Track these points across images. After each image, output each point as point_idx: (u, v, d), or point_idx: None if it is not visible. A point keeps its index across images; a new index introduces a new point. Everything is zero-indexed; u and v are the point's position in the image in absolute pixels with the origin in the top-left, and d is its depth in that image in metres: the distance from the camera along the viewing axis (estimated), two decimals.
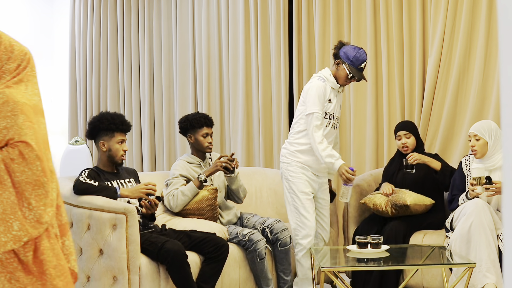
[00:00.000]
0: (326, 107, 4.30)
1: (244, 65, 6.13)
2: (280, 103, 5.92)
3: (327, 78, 4.33)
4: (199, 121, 4.46)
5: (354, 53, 4.29)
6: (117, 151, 3.94)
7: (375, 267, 3.97)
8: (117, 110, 6.99)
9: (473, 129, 4.26)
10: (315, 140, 4.20)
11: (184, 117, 4.58)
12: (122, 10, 7.04)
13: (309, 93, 4.27)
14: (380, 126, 5.49)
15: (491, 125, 4.25)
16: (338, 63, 4.34)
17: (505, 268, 1.19)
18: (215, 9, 6.35)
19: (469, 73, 5.04)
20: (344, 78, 4.33)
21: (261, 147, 6.02)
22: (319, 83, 4.28)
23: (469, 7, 4.98)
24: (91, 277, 3.68)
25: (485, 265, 3.83)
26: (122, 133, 3.97)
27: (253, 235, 4.21)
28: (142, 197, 3.86)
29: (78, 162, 6.49)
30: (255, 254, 4.18)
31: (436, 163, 4.55)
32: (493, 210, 4.04)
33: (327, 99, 4.29)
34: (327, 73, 4.37)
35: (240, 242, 4.23)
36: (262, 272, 4.23)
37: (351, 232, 4.68)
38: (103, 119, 3.96)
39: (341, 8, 5.65)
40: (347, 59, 4.30)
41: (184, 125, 4.51)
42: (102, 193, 3.75)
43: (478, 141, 4.20)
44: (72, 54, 7.44)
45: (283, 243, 4.34)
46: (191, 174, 4.45)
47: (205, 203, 4.33)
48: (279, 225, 4.35)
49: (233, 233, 4.28)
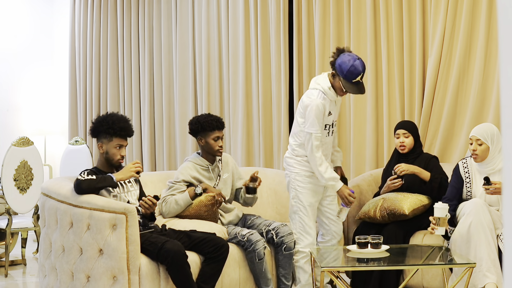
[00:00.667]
0: (326, 120, 4.26)
1: (244, 65, 6.13)
2: (280, 103, 5.92)
3: (326, 92, 4.22)
4: (211, 124, 4.36)
5: (348, 66, 4.11)
6: (114, 156, 3.92)
7: (375, 267, 3.97)
8: (117, 110, 6.99)
9: (476, 133, 4.12)
10: (315, 162, 4.19)
11: (195, 118, 4.47)
12: (122, 10, 7.04)
13: (309, 112, 4.18)
14: (380, 126, 5.49)
15: (493, 130, 4.13)
16: (334, 74, 4.23)
17: (505, 268, 1.19)
18: (215, 9, 6.35)
19: (469, 73, 5.03)
20: (340, 90, 4.23)
21: (261, 147, 6.02)
22: (318, 103, 4.17)
23: (469, 7, 4.98)
24: (91, 277, 3.68)
25: (485, 264, 3.83)
26: (121, 138, 3.94)
27: (252, 236, 4.19)
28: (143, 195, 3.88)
29: (78, 162, 6.49)
30: (254, 254, 4.17)
31: (425, 174, 4.49)
32: (493, 210, 4.03)
33: (327, 113, 4.25)
34: (326, 85, 4.23)
35: (239, 242, 4.22)
36: (261, 272, 4.22)
37: (351, 232, 4.68)
38: (104, 121, 3.93)
39: (341, 8, 5.65)
40: (341, 73, 4.14)
41: (195, 127, 4.40)
42: (103, 184, 3.78)
43: (481, 146, 4.08)
44: (72, 54, 7.44)
45: (288, 247, 4.32)
46: (196, 177, 4.40)
47: (203, 209, 4.31)
48: (285, 229, 4.33)
49: (232, 233, 4.27)
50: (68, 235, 3.76)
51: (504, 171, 1.19)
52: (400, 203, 4.37)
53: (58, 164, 7.33)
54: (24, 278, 5.68)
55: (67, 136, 7.47)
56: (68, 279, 3.77)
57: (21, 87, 7.52)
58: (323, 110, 4.19)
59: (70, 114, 7.42)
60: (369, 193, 4.85)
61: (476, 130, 4.14)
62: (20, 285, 5.51)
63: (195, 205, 4.30)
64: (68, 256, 3.75)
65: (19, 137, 5.89)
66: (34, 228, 5.96)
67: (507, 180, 1.17)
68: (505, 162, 1.20)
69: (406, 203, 4.36)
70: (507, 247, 1.18)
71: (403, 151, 4.64)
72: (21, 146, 5.82)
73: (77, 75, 7.41)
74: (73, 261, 3.73)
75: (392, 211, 4.37)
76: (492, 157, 4.10)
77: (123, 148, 3.94)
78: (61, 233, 3.79)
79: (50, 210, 3.88)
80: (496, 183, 3.97)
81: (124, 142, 3.95)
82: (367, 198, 4.82)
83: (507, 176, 1.17)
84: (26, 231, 6.11)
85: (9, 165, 5.73)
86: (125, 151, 3.96)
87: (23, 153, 5.82)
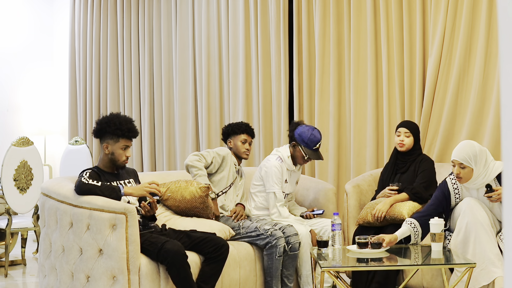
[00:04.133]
0: (282, 188, 4.62)
1: (244, 65, 6.14)
2: (280, 103, 5.92)
3: (284, 159, 4.62)
4: (240, 127, 4.72)
5: (308, 135, 4.55)
6: (120, 156, 3.92)
7: (375, 267, 3.97)
8: (117, 110, 6.99)
9: (457, 157, 3.95)
10: (283, 217, 4.55)
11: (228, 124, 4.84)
12: (122, 10, 7.04)
13: (269, 173, 4.58)
14: (380, 126, 5.49)
15: (475, 149, 3.95)
16: (294, 145, 4.62)
17: (505, 268, 1.19)
18: (215, 9, 6.35)
19: (469, 73, 5.03)
20: (301, 158, 4.62)
21: (261, 147, 6.03)
22: (277, 164, 4.59)
23: (469, 7, 4.98)
24: (91, 277, 3.68)
25: (489, 260, 3.82)
26: (127, 139, 3.95)
27: (276, 231, 4.27)
28: (145, 196, 3.86)
29: (78, 162, 6.50)
30: (275, 250, 4.22)
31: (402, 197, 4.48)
32: (486, 207, 4.01)
33: (283, 180, 4.61)
34: (285, 154, 4.64)
35: (259, 236, 4.25)
36: (277, 270, 4.25)
37: (351, 232, 4.68)
38: (111, 122, 3.92)
39: (341, 8, 5.65)
40: (302, 142, 4.57)
41: (226, 130, 4.76)
42: (106, 194, 3.75)
43: (464, 169, 3.94)
44: (72, 54, 7.44)
45: (293, 248, 4.34)
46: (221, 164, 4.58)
47: (198, 201, 4.33)
48: (291, 229, 4.37)
49: (251, 227, 4.29)
50: (68, 235, 3.76)
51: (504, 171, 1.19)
52: (399, 208, 4.39)
53: (58, 164, 7.34)
54: (24, 278, 5.67)
55: (67, 136, 7.47)
56: (68, 279, 3.77)
57: (21, 87, 7.52)
58: (282, 171, 4.60)
59: (70, 114, 7.42)
60: (369, 193, 4.85)
61: (457, 154, 3.97)
62: (20, 285, 5.51)
63: (189, 198, 4.32)
64: (68, 256, 3.75)
65: (19, 137, 5.89)
66: (34, 228, 5.96)
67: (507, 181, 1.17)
68: (505, 162, 1.20)
69: (405, 208, 4.39)
70: (507, 247, 1.18)
71: (401, 149, 4.66)
72: (21, 146, 5.82)
73: (77, 75, 7.41)
74: (73, 261, 3.73)
75: (392, 217, 4.39)
76: (478, 176, 3.96)
77: (128, 149, 3.94)
78: (61, 233, 3.79)
79: (50, 210, 3.88)
80: (498, 189, 3.96)
81: (130, 143, 3.96)
82: (367, 198, 4.82)
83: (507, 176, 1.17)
84: (26, 231, 6.11)
85: (9, 165, 5.73)
86: (130, 152, 3.96)
87: (23, 153, 5.82)
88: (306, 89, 5.83)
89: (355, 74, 5.55)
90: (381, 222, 4.44)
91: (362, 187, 4.86)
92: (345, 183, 5.26)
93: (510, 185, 1.16)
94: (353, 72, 5.55)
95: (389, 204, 4.45)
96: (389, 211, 4.42)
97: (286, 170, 4.63)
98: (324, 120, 5.71)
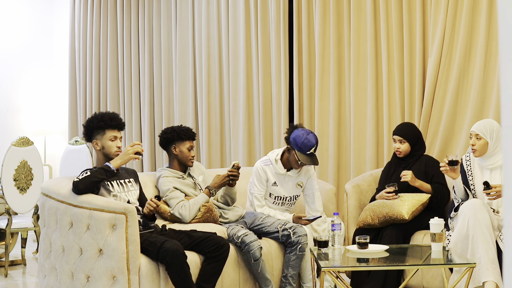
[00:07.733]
0: (271, 190, 4.57)
1: (244, 65, 6.14)
2: (280, 103, 5.92)
3: (272, 162, 4.55)
4: (186, 133, 4.48)
5: (302, 139, 4.39)
6: (110, 148, 3.93)
7: (375, 267, 3.97)
8: (117, 110, 7.00)
9: (475, 128, 4.23)
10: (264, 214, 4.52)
11: (169, 128, 4.57)
12: (122, 10, 7.04)
13: (253, 174, 4.59)
14: (380, 126, 5.49)
15: (493, 125, 4.22)
16: (289, 149, 4.49)
17: (505, 268, 1.19)
18: (215, 9, 6.35)
19: (469, 73, 5.03)
20: (295, 163, 4.47)
21: (262, 147, 6.03)
22: (258, 166, 4.55)
23: (469, 7, 4.98)
24: (91, 277, 3.68)
25: (484, 263, 3.83)
26: (113, 129, 3.95)
27: (246, 237, 4.17)
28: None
29: (78, 162, 6.49)
30: (249, 255, 4.17)
31: (426, 188, 4.50)
32: (490, 209, 4.03)
33: (271, 182, 4.53)
34: (276, 156, 4.55)
35: (236, 244, 4.21)
36: (258, 273, 4.21)
37: (351, 232, 4.68)
38: (93, 118, 3.98)
39: (341, 8, 5.65)
40: (295, 146, 4.41)
41: (171, 136, 4.47)
42: (100, 176, 3.75)
43: (479, 140, 4.17)
44: (72, 54, 7.44)
45: (302, 248, 4.32)
46: (180, 187, 4.41)
47: (205, 216, 4.34)
48: (301, 230, 4.35)
49: (230, 234, 4.26)
50: (68, 235, 3.76)
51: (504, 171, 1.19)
52: (398, 209, 4.37)
53: (58, 164, 7.34)
54: (24, 278, 5.68)
55: (67, 136, 7.47)
56: (68, 279, 3.77)
57: (21, 87, 7.52)
58: (263, 174, 4.53)
59: (70, 114, 7.42)
60: (369, 193, 4.85)
61: (476, 125, 4.25)
62: (20, 285, 5.51)
63: (199, 217, 4.33)
64: (68, 256, 3.75)
65: (19, 137, 5.89)
66: (34, 228, 5.96)
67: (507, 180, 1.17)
68: (505, 162, 1.20)
69: (404, 208, 4.37)
70: (507, 247, 1.18)
71: (399, 155, 4.67)
72: (21, 146, 5.82)
73: (77, 75, 7.41)
74: (73, 261, 3.73)
75: (392, 217, 4.39)
76: (492, 153, 4.17)
77: (117, 140, 3.94)
78: (61, 233, 3.79)
79: (50, 210, 3.88)
80: (496, 186, 3.97)
81: (118, 134, 3.96)
82: (367, 198, 4.82)
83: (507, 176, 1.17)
84: (26, 231, 6.11)
85: (9, 165, 5.73)
86: (120, 142, 3.96)
87: (23, 153, 5.82)
88: (306, 89, 5.84)
89: (355, 74, 5.55)
90: (381, 223, 4.44)
91: (362, 187, 4.86)
92: (345, 183, 5.26)
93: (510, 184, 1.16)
94: (353, 72, 5.55)
95: (416, 182, 4.48)
96: (388, 212, 4.41)
97: (276, 173, 4.54)
98: (324, 120, 5.71)
